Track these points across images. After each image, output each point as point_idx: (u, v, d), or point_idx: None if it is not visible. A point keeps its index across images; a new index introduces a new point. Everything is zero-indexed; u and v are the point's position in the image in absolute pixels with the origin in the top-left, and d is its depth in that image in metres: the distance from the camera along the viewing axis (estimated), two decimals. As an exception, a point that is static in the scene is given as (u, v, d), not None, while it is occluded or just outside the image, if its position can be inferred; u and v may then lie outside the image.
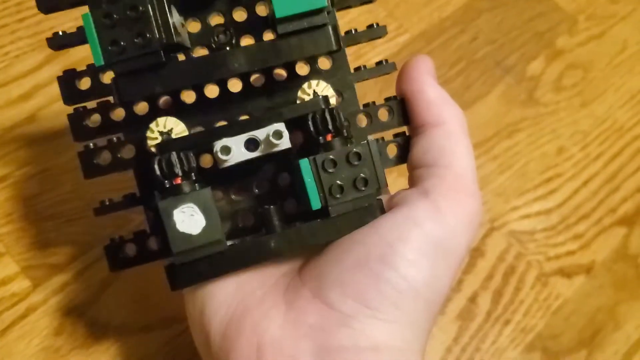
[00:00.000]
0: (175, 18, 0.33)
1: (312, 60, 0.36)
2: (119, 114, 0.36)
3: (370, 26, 0.38)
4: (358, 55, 0.61)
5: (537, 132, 0.61)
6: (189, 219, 0.31)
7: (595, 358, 0.52)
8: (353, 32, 0.38)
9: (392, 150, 0.37)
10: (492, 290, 0.53)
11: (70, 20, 0.58)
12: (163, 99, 0.37)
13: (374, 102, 0.37)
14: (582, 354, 0.52)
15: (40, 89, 0.55)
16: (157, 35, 0.31)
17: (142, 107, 0.36)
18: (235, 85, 0.36)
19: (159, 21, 0.31)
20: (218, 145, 0.32)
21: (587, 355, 0.52)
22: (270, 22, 0.34)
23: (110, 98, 0.36)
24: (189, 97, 0.36)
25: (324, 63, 0.37)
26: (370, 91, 0.58)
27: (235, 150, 0.32)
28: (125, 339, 0.47)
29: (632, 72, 0.66)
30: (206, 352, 0.33)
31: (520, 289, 0.54)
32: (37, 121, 0.53)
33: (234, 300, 0.33)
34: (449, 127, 0.35)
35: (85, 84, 0.36)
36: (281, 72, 0.37)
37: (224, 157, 0.32)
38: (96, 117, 0.36)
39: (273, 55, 0.33)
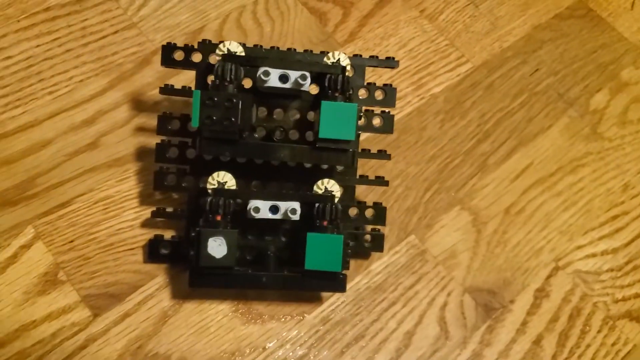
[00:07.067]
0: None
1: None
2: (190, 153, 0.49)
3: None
4: (419, 86, 0.60)
5: (601, 168, 0.59)
6: (216, 246, 0.44)
7: (666, 408, 0.50)
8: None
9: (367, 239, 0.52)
10: (557, 333, 0.51)
11: (132, 45, 0.58)
12: None
13: (365, 202, 0.51)
14: (653, 403, 0.50)
15: (104, 114, 0.55)
16: (239, 123, 0.44)
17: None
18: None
19: (244, 114, 0.44)
20: (252, 204, 0.46)
21: (658, 404, 0.50)
22: (314, 131, 0.46)
23: (188, 140, 0.49)
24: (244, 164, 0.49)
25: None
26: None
27: (262, 210, 0.46)
28: (185, 373, 0.46)
29: (700, 107, 0.64)
30: None
31: (586, 332, 0.52)
32: (100, 147, 0.53)
33: None
34: None
35: (175, 124, 0.49)
36: None
37: (254, 214, 0.46)
38: (175, 151, 0.49)
39: (307, 158, 0.47)
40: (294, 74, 0.45)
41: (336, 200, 0.47)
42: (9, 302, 0.47)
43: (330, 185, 0.48)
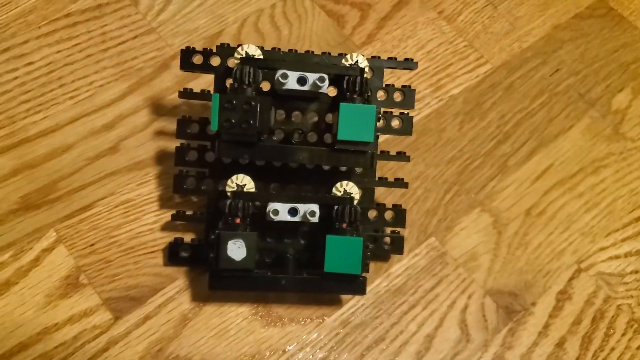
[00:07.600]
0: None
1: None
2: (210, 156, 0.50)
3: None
4: (437, 87, 0.60)
5: (624, 168, 0.59)
6: (236, 249, 0.44)
7: (693, 412, 0.49)
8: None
9: (386, 241, 0.52)
10: (580, 336, 0.51)
11: (151, 50, 0.59)
12: None
13: (384, 204, 0.51)
14: (679, 407, 0.49)
15: (124, 118, 0.55)
16: (257, 125, 0.44)
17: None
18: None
19: (262, 116, 0.45)
20: (271, 206, 0.46)
21: (685, 409, 0.49)
22: (333, 133, 0.46)
23: (206, 143, 0.49)
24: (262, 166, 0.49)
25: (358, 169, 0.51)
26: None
27: (281, 212, 0.46)
28: (205, 376, 0.46)
29: None
30: None
31: (610, 335, 0.51)
32: (120, 151, 0.54)
33: None
34: None
35: (194, 128, 0.49)
36: None
37: (273, 216, 0.46)
38: (194, 154, 0.49)
39: (326, 160, 0.46)
40: (312, 76, 0.45)
41: (355, 202, 0.47)
42: (31, 305, 0.48)
43: (349, 188, 0.47)
